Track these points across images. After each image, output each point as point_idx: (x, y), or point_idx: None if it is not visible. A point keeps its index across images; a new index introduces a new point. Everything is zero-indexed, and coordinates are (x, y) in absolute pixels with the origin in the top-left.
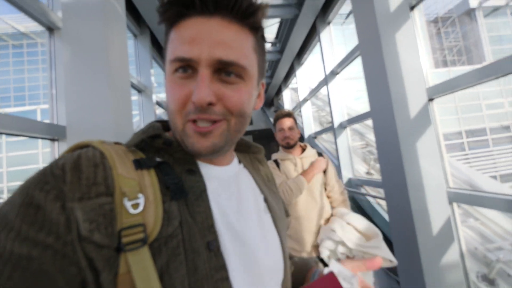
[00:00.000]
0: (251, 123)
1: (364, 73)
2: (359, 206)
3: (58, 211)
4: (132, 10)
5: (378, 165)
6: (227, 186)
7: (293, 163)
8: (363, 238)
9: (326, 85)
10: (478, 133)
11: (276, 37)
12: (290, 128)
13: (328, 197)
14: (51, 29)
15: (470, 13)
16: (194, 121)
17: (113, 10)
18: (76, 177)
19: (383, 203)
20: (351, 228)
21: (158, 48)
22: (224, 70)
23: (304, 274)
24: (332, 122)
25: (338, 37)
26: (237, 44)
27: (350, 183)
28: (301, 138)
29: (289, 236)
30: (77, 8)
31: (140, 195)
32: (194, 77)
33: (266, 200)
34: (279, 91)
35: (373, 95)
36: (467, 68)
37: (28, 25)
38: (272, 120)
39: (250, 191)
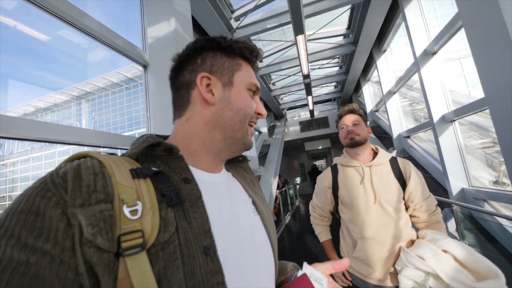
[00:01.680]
0: (327, 125)
1: (471, 47)
2: (481, 229)
3: (58, 218)
4: (201, 35)
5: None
6: (221, 191)
7: (359, 173)
8: (470, 275)
9: (418, 70)
10: None
11: (348, 27)
12: (354, 123)
13: (413, 216)
14: (145, 66)
15: None
16: (250, 124)
17: (183, 41)
18: (76, 184)
19: None
20: (450, 258)
21: None
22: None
23: (282, 277)
24: (429, 115)
25: (431, 11)
26: None
27: (464, 196)
28: (390, 139)
29: (355, 257)
30: (158, 45)
31: (138, 202)
32: (253, 99)
33: (254, 203)
34: (357, 87)
35: (488, 76)
36: None
37: (132, 71)
38: None
39: (240, 195)
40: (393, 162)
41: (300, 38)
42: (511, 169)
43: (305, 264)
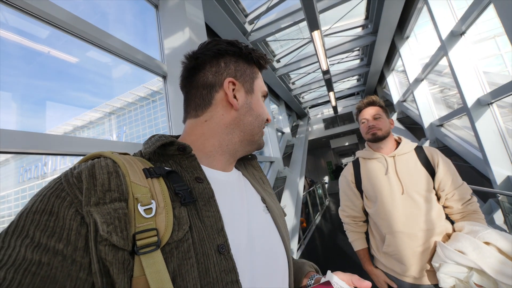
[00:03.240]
0: (352, 120)
1: (503, 23)
2: None
3: (71, 217)
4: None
5: None
6: (233, 189)
7: (382, 164)
8: None
9: (446, 53)
10: None
11: (366, 18)
12: (375, 117)
13: (446, 207)
14: (164, 77)
15: None
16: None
17: None
18: (91, 183)
19: None
20: (493, 250)
21: None
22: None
23: (299, 277)
24: (463, 101)
25: None
26: None
27: (511, 184)
28: (421, 130)
29: (386, 253)
30: (175, 56)
31: (152, 201)
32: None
33: (264, 200)
34: (381, 79)
35: None
36: None
37: (158, 84)
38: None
39: (251, 193)
40: (419, 150)
41: (316, 34)
42: None
43: (329, 273)
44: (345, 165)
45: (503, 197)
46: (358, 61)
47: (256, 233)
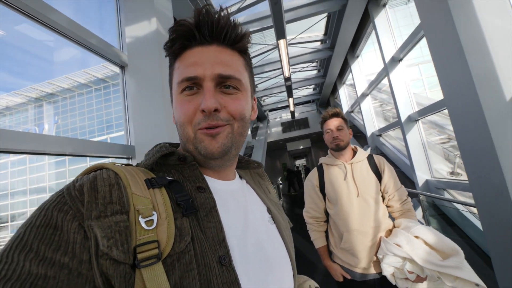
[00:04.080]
0: (307, 126)
1: (432, 54)
2: (442, 214)
3: (75, 231)
4: None
5: None
6: (235, 199)
7: (342, 170)
8: (438, 255)
9: (387, 74)
10: None
11: (325, 34)
12: (339, 128)
13: (388, 206)
14: (122, 67)
15: None
16: (201, 129)
17: (164, 41)
18: (93, 196)
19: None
20: (421, 243)
21: None
22: (224, 83)
23: None
24: (398, 115)
25: (404, 18)
26: (232, 63)
27: (428, 186)
28: (364, 138)
29: (343, 249)
30: (137, 46)
31: (153, 212)
32: (199, 93)
33: (269, 211)
34: (334, 90)
35: (446, 80)
36: None
37: (104, 71)
38: None
39: (255, 203)
40: (370, 158)
41: (281, 42)
42: (467, 161)
43: None
44: (297, 167)
45: (423, 197)
46: (315, 71)
47: (261, 244)
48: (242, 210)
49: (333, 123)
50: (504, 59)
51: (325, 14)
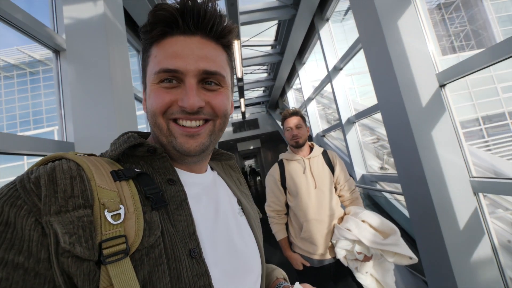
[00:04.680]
0: (257, 126)
1: (368, 65)
2: (375, 203)
3: (30, 227)
4: (132, 26)
5: (391, 160)
6: (207, 192)
7: (301, 165)
8: (380, 235)
9: (330, 81)
10: (496, 118)
11: (276, 39)
12: (298, 127)
13: (339, 196)
14: (57, 51)
15: None
16: (175, 120)
17: (113, 27)
18: (51, 190)
19: (402, 198)
20: (367, 226)
21: None
22: (207, 79)
23: (267, 282)
24: (339, 118)
25: (338, 34)
26: (216, 58)
27: (364, 180)
28: (309, 137)
29: (302, 238)
30: (80, 29)
31: (120, 206)
32: (178, 87)
33: (240, 202)
34: (283, 93)
35: (379, 87)
36: (475, 52)
37: (42, 52)
38: (278, 122)
39: (226, 195)
40: (324, 154)
41: (235, 43)
42: (398, 157)
43: (297, 284)
44: (250, 166)
45: (361, 189)
46: (266, 74)
47: (230, 236)
48: (213, 203)
49: (293, 121)
50: (420, 73)
51: (276, 22)
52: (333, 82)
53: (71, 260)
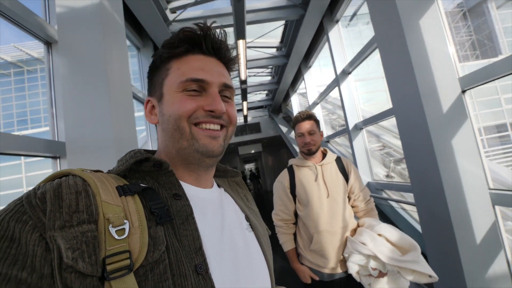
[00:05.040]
0: (259, 130)
1: (384, 66)
2: (380, 212)
3: (34, 243)
4: (133, 23)
5: (398, 168)
6: (213, 207)
7: (313, 172)
8: (398, 251)
9: (338, 85)
10: (500, 128)
11: (281, 42)
12: (311, 133)
13: (353, 206)
14: (48, 43)
15: (481, 4)
16: (196, 125)
17: (111, 20)
18: (56, 205)
19: (408, 207)
20: (383, 240)
21: None
22: (223, 92)
23: None
24: (346, 124)
25: (344, 39)
26: (228, 76)
27: (370, 188)
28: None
29: (312, 250)
30: (73, 19)
31: (125, 221)
32: (201, 96)
33: (248, 218)
34: (287, 97)
35: (396, 90)
36: (482, 62)
37: (40, 50)
38: (281, 126)
39: (233, 211)
40: (338, 161)
41: (241, 43)
42: (412, 164)
43: None
44: (251, 170)
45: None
46: (270, 77)
47: (238, 252)
48: (219, 218)
49: (305, 126)
50: (441, 76)
51: (283, 22)
52: (341, 87)
53: (74, 275)
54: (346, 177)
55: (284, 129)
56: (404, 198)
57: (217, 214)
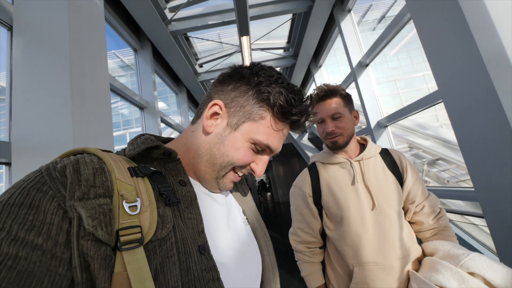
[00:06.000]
0: None
1: (422, 39)
2: None
3: (52, 212)
4: (130, 23)
5: (433, 170)
6: (214, 198)
7: (347, 171)
8: None
9: (355, 80)
10: None
11: (288, 42)
12: (335, 117)
13: (413, 222)
14: (10, 27)
15: None
16: (233, 168)
17: (90, 5)
18: (75, 179)
19: (454, 216)
20: (481, 283)
21: (160, 61)
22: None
23: None
24: (367, 122)
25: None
26: None
27: None
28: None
29: None
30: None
31: (137, 199)
32: (258, 153)
33: (244, 212)
34: None
35: (442, 66)
36: None
37: None
38: (291, 133)
39: (232, 204)
40: (384, 153)
41: (245, 40)
42: (471, 164)
43: None
44: (261, 181)
45: None
46: None
47: (235, 240)
48: (220, 207)
49: (326, 107)
50: (510, 36)
51: (290, 17)
52: (359, 81)
53: (91, 243)
54: (400, 178)
55: (294, 135)
56: (447, 207)
57: (218, 203)
